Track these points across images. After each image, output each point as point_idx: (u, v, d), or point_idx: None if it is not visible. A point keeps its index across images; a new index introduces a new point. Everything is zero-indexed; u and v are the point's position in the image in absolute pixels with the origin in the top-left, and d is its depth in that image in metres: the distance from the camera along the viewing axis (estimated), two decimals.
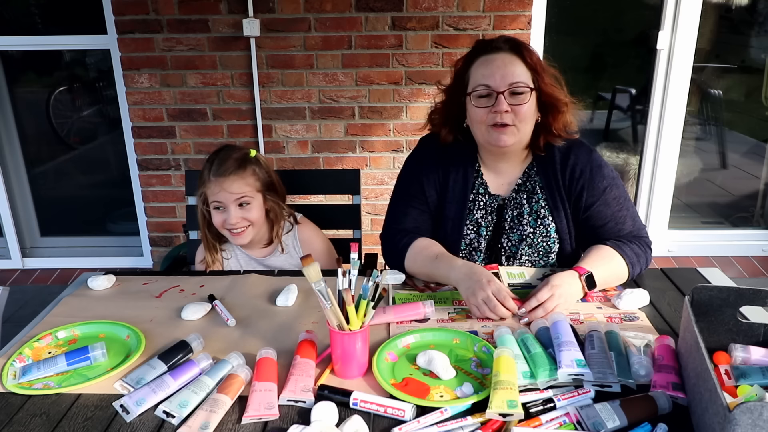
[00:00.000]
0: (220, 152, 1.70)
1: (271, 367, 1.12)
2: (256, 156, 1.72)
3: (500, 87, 1.39)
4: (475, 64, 1.44)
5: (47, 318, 1.37)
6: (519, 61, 1.41)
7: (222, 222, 1.67)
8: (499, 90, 1.39)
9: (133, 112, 3.10)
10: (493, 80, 1.39)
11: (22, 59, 3.38)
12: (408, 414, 0.99)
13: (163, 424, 1.01)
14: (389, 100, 3.07)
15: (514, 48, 1.42)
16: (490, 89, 1.40)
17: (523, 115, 1.41)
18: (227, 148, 1.72)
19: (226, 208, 1.65)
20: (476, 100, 1.43)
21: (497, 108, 1.39)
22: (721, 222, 3.64)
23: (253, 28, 2.87)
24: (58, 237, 3.62)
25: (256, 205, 1.68)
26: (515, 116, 1.41)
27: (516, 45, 1.42)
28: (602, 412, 0.97)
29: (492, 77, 1.40)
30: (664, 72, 3.15)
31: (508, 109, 1.39)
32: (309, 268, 1.10)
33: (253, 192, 1.67)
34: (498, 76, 1.39)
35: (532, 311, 1.30)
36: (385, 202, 3.23)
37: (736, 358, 1.11)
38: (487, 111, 1.41)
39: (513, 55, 1.41)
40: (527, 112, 1.41)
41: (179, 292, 1.49)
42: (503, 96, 1.39)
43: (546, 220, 1.53)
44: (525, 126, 1.43)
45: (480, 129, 1.45)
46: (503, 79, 1.39)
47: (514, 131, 1.42)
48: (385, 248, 1.60)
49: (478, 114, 1.43)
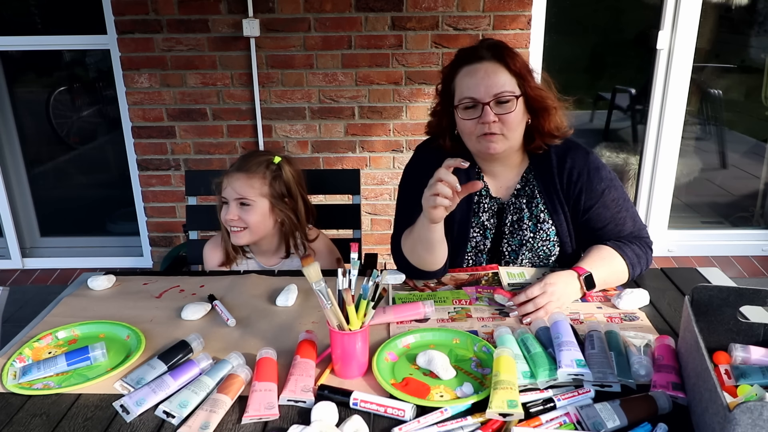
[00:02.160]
0: (248, 152, 1.74)
1: (271, 367, 1.12)
2: (279, 164, 1.69)
3: (485, 98, 1.38)
4: (459, 75, 1.43)
5: (47, 318, 1.37)
6: (502, 68, 1.39)
7: (223, 217, 1.68)
8: (484, 101, 1.38)
9: (133, 112, 3.10)
10: (478, 92, 1.38)
11: (22, 59, 3.38)
12: (408, 414, 0.99)
13: (163, 424, 1.01)
14: (389, 100, 3.07)
15: (497, 55, 1.40)
16: (476, 101, 1.39)
17: (510, 124, 1.40)
18: (258, 151, 1.74)
19: (228, 203, 1.66)
20: (463, 112, 1.43)
21: (484, 119, 1.39)
22: (721, 222, 3.64)
23: (253, 28, 2.87)
24: (58, 237, 3.62)
25: (257, 210, 1.65)
26: (503, 125, 1.40)
27: (498, 52, 1.40)
28: (602, 412, 0.97)
29: (476, 89, 1.39)
30: (664, 72, 3.15)
31: (495, 119, 1.39)
32: (309, 268, 1.10)
33: (256, 196, 1.65)
34: (482, 88, 1.38)
35: (521, 305, 1.31)
36: (385, 202, 3.25)
37: (736, 358, 1.11)
38: (475, 122, 1.41)
39: (496, 64, 1.39)
40: (514, 120, 1.41)
41: (179, 292, 1.49)
42: (489, 107, 1.38)
43: (546, 224, 1.53)
44: (513, 133, 1.43)
45: (470, 140, 1.46)
46: (487, 90, 1.38)
47: (502, 139, 1.42)
48: (393, 252, 1.57)
49: (466, 126, 1.43)
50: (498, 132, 1.41)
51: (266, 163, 1.67)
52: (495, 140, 1.42)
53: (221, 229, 1.75)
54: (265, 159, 1.68)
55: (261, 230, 1.69)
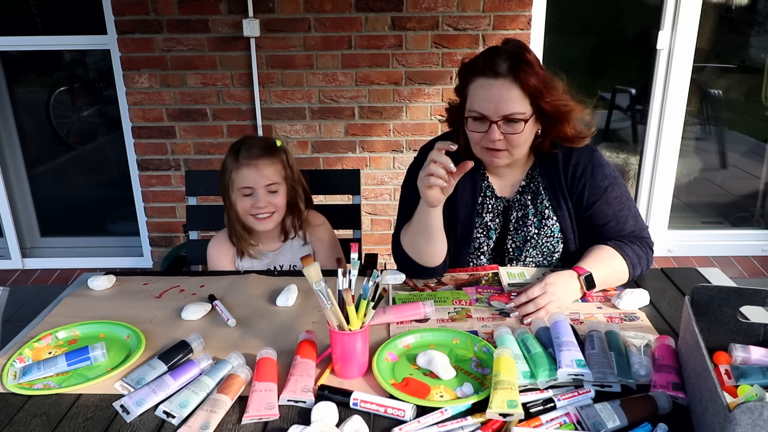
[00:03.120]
0: (246, 140, 1.70)
1: (271, 367, 1.12)
2: (282, 146, 1.71)
3: (493, 117, 1.38)
4: (474, 84, 1.40)
5: (47, 318, 1.37)
6: (516, 88, 1.36)
7: (249, 207, 1.65)
8: (493, 120, 1.38)
9: (133, 112, 3.10)
10: (488, 109, 1.38)
11: (22, 59, 3.38)
12: (408, 414, 0.99)
13: (163, 424, 1.01)
14: (389, 100, 3.07)
15: (514, 70, 1.36)
16: (485, 117, 1.39)
17: (516, 143, 1.41)
18: (252, 136, 1.73)
19: (254, 192, 1.64)
20: (471, 123, 1.43)
21: (490, 136, 1.39)
22: (721, 222, 3.64)
23: (253, 28, 2.87)
24: (58, 237, 3.62)
25: (282, 192, 1.68)
26: (508, 143, 1.41)
27: (517, 67, 1.36)
28: (602, 412, 0.97)
29: (487, 106, 1.38)
30: (664, 72, 3.15)
31: (500, 138, 1.39)
32: (309, 268, 1.10)
33: (280, 179, 1.67)
34: (492, 107, 1.37)
35: (522, 306, 1.31)
36: (385, 202, 3.25)
37: (736, 358, 1.11)
38: (482, 135, 1.41)
39: (511, 83, 1.36)
40: (520, 139, 1.41)
41: (179, 292, 1.49)
42: (497, 125, 1.38)
43: (550, 221, 1.53)
44: (519, 150, 1.44)
45: (476, 149, 1.47)
46: (497, 111, 1.37)
47: (507, 155, 1.44)
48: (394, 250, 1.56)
49: (473, 136, 1.44)
50: (503, 148, 1.42)
51: (274, 146, 1.69)
52: (499, 156, 1.43)
53: (231, 225, 1.72)
54: (271, 143, 1.70)
55: (284, 212, 1.71)
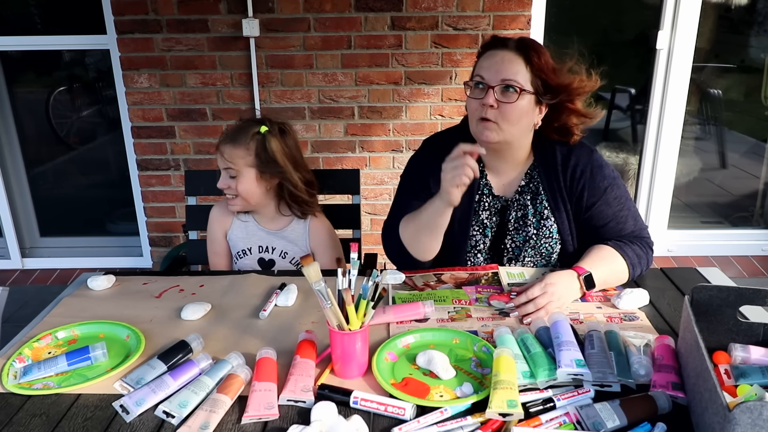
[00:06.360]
0: (241, 121, 1.74)
1: (271, 367, 1.12)
2: (265, 134, 1.68)
3: (492, 81, 1.39)
4: (482, 57, 1.46)
5: (47, 318, 1.36)
6: (521, 60, 1.40)
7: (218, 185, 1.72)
8: (491, 84, 1.39)
9: (133, 112, 3.10)
10: (488, 73, 1.40)
11: (22, 59, 3.38)
12: (408, 412, 0.99)
13: (163, 424, 1.01)
14: (389, 100, 3.07)
15: (521, 48, 1.41)
16: (483, 81, 1.41)
17: (507, 115, 1.40)
18: (248, 120, 1.73)
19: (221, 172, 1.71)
20: (471, 90, 1.44)
21: (484, 100, 1.40)
22: (720, 222, 3.65)
23: (252, 28, 2.87)
24: (57, 237, 3.62)
25: (244, 179, 1.68)
26: (499, 113, 1.40)
27: (524, 46, 1.42)
28: (602, 411, 0.97)
29: (488, 70, 1.41)
30: (664, 72, 3.15)
31: (494, 104, 1.39)
32: (309, 268, 1.10)
33: (241, 166, 1.67)
34: (493, 70, 1.40)
35: (521, 306, 1.31)
36: (384, 202, 3.24)
37: (735, 358, 1.11)
38: (479, 103, 1.42)
39: (516, 55, 1.40)
40: (512, 112, 1.40)
41: (179, 292, 1.49)
42: (493, 90, 1.39)
43: (548, 221, 1.53)
44: (509, 126, 1.42)
45: (472, 122, 1.46)
46: (497, 74, 1.39)
47: (496, 128, 1.42)
48: (384, 237, 1.57)
49: (470, 104, 1.45)
50: (493, 119, 1.41)
51: (252, 133, 1.68)
52: (489, 128, 1.42)
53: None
54: (252, 129, 1.69)
55: (253, 198, 1.71)
